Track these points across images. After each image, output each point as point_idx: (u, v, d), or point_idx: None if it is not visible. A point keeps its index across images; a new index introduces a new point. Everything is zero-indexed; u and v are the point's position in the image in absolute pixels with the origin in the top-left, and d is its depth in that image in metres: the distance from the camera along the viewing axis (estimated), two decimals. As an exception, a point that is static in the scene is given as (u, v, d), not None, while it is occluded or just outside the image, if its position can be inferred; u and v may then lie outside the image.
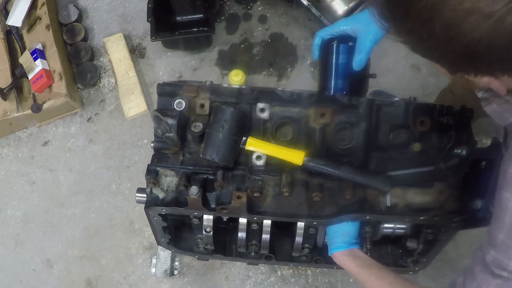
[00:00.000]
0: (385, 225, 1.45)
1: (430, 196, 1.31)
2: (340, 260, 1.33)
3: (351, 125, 1.34)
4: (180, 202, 1.32)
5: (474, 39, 0.73)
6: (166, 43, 2.36)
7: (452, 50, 0.78)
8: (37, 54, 2.22)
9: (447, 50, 0.79)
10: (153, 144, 1.35)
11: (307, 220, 1.34)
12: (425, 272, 1.69)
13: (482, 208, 1.28)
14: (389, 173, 1.31)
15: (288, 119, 1.35)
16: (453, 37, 0.76)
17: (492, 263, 0.94)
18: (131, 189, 2.16)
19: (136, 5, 2.51)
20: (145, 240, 2.09)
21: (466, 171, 1.29)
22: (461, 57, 0.79)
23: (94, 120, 2.31)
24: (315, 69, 2.28)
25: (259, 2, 2.46)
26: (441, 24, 0.75)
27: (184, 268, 2.03)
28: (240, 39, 2.40)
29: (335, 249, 1.33)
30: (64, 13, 2.47)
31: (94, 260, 2.09)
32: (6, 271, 2.12)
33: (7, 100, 2.20)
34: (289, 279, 2.00)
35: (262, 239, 1.47)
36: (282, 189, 1.30)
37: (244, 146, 1.29)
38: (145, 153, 2.22)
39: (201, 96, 1.35)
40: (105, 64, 2.41)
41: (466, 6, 0.71)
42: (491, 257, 0.94)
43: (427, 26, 0.78)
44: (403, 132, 1.34)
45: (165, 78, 2.35)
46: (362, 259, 1.31)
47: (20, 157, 2.28)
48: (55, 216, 2.17)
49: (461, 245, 1.95)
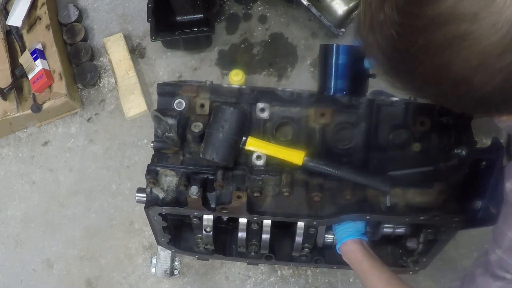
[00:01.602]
0: (385, 225, 1.45)
1: (430, 196, 1.31)
2: (350, 247, 1.34)
3: (351, 125, 1.34)
4: (180, 202, 1.32)
5: (487, 93, 0.71)
6: (166, 43, 2.36)
7: (464, 103, 0.76)
8: (37, 54, 2.22)
9: (459, 103, 0.77)
10: (153, 144, 1.35)
11: (307, 220, 1.34)
12: (425, 272, 1.69)
13: (482, 208, 1.28)
14: (389, 173, 1.31)
15: (288, 119, 1.35)
16: (464, 94, 0.73)
17: (496, 262, 0.92)
18: (131, 189, 2.16)
19: (136, 5, 2.51)
20: (145, 240, 2.09)
21: (466, 171, 1.28)
22: (474, 107, 0.77)
23: (94, 120, 2.31)
24: (315, 69, 2.28)
25: (259, 2, 2.46)
26: (449, 84, 0.73)
27: (184, 268, 2.03)
28: (240, 39, 2.40)
29: (347, 237, 1.35)
30: (64, 13, 2.47)
31: (94, 260, 2.09)
32: (6, 271, 2.12)
33: (7, 100, 2.20)
34: (289, 279, 2.00)
35: (262, 239, 1.47)
36: (282, 189, 1.30)
37: (244, 146, 1.29)
38: (145, 153, 2.22)
39: (201, 96, 1.35)
40: (105, 64, 2.41)
41: (474, 64, 0.68)
42: (496, 257, 0.92)
43: (435, 86, 0.76)
44: (403, 132, 1.34)
45: (165, 78, 2.35)
46: (368, 251, 1.34)
47: (20, 157, 2.28)
48: (55, 216, 2.17)
49: (461, 245, 1.95)
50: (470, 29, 0.65)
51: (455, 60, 0.69)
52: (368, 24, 0.77)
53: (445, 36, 0.67)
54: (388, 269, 1.29)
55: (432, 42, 0.69)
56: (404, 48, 0.73)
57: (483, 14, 0.63)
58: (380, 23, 0.74)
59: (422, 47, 0.70)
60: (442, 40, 0.68)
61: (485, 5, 0.63)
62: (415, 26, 0.70)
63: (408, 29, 0.71)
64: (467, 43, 0.66)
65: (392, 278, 1.25)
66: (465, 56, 0.68)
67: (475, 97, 0.72)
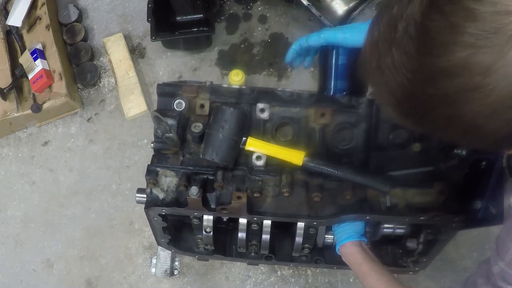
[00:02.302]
0: (385, 225, 1.45)
1: (430, 196, 1.31)
2: (349, 249, 1.35)
3: (351, 125, 1.34)
4: (180, 202, 1.32)
5: (500, 138, 0.70)
6: (166, 43, 2.36)
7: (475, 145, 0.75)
8: (37, 54, 2.22)
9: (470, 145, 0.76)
10: (153, 144, 1.35)
11: (307, 220, 1.34)
12: (425, 272, 1.69)
13: (482, 208, 1.28)
14: (389, 173, 1.31)
15: (288, 119, 1.35)
16: (475, 140, 0.72)
17: (498, 274, 0.91)
18: (131, 189, 2.16)
19: (136, 5, 2.51)
20: (145, 240, 2.09)
21: (466, 171, 1.28)
22: (484, 148, 0.75)
23: (94, 120, 2.31)
24: (315, 69, 2.28)
25: (259, 2, 2.46)
26: (460, 131, 0.71)
27: (184, 268, 2.03)
28: (240, 39, 2.40)
29: (346, 239, 1.35)
30: (64, 13, 2.46)
31: (94, 260, 2.09)
32: (6, 271, 2.12)
33: (7, 100, 2.20)
34: (289, 279, 2.00)
35: (262, 239, 1.47)
36: (282, 190, 1.30)
37: (244, 146, 1.29)
38: (145, 153, 2.22)
39: (201, 96, 1.35)
40: (105, 64, 2.41)
41: (485, 114, 0.66)
42: (498, 269, 0.91)
43: (446, 131, 0.74)
44: (403, 132, 1.34)
45: (165, 78, 2.35)
46: (368, 252, 1.34)
47: (20, 157, 2.28)
48: (55, 216, 2.17)
49: (461, 245, 1.95)
50: (483, 82, 0.63)
51: (466, 110, 0.67)
52: (375, 64, 0.75)
53: (457, 88, 0.66)
54: (387, 271, 1.29)
55: (443, 93, 0.67)
56: (415, 95, 0.71)
57: (496, 66, 0.62)
58: (389, 66, 0.71)
59: (433, 96, 0.69)
60: (453, 92, 0.66)
61: (498, 58, 0.62)
62: (426, 75, 0.68)
63: (419, 76, 0.69)
64: (479, 95, 0.65)
65: (391, 280, 1.25)
66: (476, 107, 0.66)
67: (487, 142, 0.72)
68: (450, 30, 0.64)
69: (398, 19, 0.69)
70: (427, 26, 0.66)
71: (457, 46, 0.63)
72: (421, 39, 0.67)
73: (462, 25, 0.63)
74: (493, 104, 0.65)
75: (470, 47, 0.63)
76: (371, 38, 0.76)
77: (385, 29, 0.72)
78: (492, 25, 0.61)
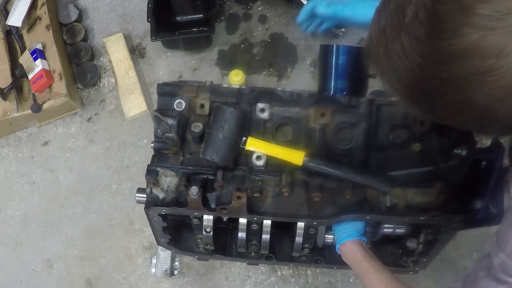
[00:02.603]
0: (385, 225, 1.45)
1: (430, 196, 1.31)
2: (349, 248, 1.34)
3: (351, 125, 1.34)
4: (180, 202, 1.32)
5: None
6: (166, 43, 2.36)
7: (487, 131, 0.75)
8: (37, 54, 2.22)
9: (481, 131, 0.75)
10: (153, 144, 1.35)
11: (307, 220, 1.34)
12: (425, 272, 1.69)
13: (482, 208, 1.28)
14: (389, 173, 1.31)
15: (288, 119, 1.35)
16: (487, 124, 0.72)
17: (499, 266, 0.90)
18: (131, 189, 2.16)
19: (136, 5, 2.51)
20: (145, 240, 2.09)
21: (466, 171, 1.29)
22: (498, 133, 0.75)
23: (94, 120, 2.31)
24: (315, 69, 2.28)
25: (259, 2, 2.46)
26: (472, 115, 0.70)
27: (184, 268, 2.03)
28: (240, 39, 2.40)
29: (346, 238, 1.35)
30: (64, 13, 2.47)
31: (94, 260, 2.09)
32: (6, 271, 2.12)
33: (7, 100, 2.20)
34: (289, 279, 2.00)
35: (262, 239, 1.47)
36: (282, 189, 1.30)
37: (244, 146, 1.29)
38: (145, 153, 2.22)
39: (201, 96, 1.35)
40: (105, 64, 2.41)
41: (498, 97, 0.66)
42: (499, 261, 0.90)
43: (457, 117, 0.73)
44: (403, 132, 1.34)
45: (165, 78, 2.35)
46: (368, 251, 1.34)
47: (20, 157, 2.28)
48: (55, 216, 2.17)
49: (461, 245, 1.95)
50: (496, 65, 0.63)
51: (479, 94, 0.67)
52: (383, 51, 0.74)
53: (469, 71, 0.65)
54: (387, 270, 1.29)
55: (455, 77, 0.67)
56: (425, 80, 0.70)
57: (509, 48, 0.61)
58: (398, 52, 0.71)
59: (445, 80, 0.68)
60: (465, 75, 0.66)
61: (510, 40, 0.61)
62: (437, 59, 0.67)
63: (429, 61, 0.68)
64: (492, 78, 0.64)
65: (391, 279, 1.25)
66: (489, 90, 0.66)
67: (500, 126, 0.71)
68: (461, 13, 0.63)
69: (406, 5, 0.69)
70: (437, 10, 0.65)
71: (469, 28, 0.63)
72: (432, 22, 0.66)
73: (474, 7, 0.62)
74: (507, 87, 0.64)
75: (482, 29, 0.62)
76: (377, 26, 0.75)
77: (392, 15, 0.71)
78: (506, 5, 0.60)
